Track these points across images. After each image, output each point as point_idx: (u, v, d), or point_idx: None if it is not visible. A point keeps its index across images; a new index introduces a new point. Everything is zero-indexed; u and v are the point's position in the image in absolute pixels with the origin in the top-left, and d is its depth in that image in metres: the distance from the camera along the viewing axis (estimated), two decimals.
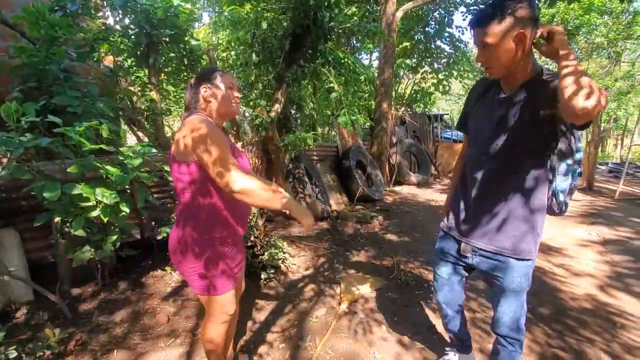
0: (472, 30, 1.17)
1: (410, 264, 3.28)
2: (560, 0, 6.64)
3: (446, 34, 9.56)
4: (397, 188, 7.21)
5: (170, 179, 2.61)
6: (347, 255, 3.48)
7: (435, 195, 6.66)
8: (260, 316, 2.38)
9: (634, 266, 3.40)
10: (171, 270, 2.85)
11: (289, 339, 2.13)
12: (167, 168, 2.38)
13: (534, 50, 1.17)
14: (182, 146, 1.23)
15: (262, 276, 2.82)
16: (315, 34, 2.93)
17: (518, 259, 1.28)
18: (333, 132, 7.60)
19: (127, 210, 2.17)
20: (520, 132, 1.19)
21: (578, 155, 1.22)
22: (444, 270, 1.57)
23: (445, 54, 9.92)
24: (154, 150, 2.40)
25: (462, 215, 1.41)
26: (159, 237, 2.59)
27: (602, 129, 15.27)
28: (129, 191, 2.38)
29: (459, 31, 9.61)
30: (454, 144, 9.86)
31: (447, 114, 15.24)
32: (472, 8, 8.61)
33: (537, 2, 6.90)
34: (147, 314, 2.35)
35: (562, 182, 1.23)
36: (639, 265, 3.42)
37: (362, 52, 10.34)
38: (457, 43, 9.70)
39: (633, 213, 5.75)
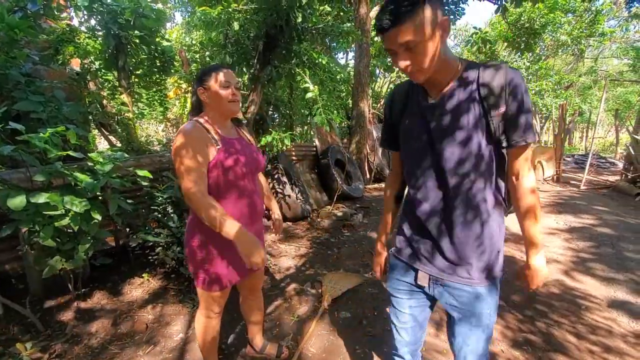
0: (385, 34, 0.93)
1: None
2: (526, 0, 6.92)
3: None
4: (376, 185, 7.31)
5: (144, 183, 2.56)
6: (328, 254, 3.51)
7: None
8: (240, 318, 2.37)
9: (596, 251, 3.61)
10: (148, 277, 2.79)
11: (271, 339, 2.13)
12: (140, 173, 2.33)
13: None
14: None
15: None
16: (289, 34, 2.94)
17: (489, 287, 1.07)
18: (311, 132, 7.62)
19: (99, 217, 2.11)
20: (465, 140, 0.99)
21: None
22: (403, 305, 1.24)
23: None
24: (126, 155, 2.34)
25: (415, 237, 1.15)
26: (134, 244, 2.53)
27: (567, 122, 16.00)
28: (100, 198, 2.32)
29: None
30: None
31: None
32: (444, 8, 8.84)
33: (504, 2, 7.16)
34: (124, 323, 2.30)
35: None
36: (601, 251, 3.63)
37: (338, 52, 10.41)
38: None
39: (595, 201, 6.09)
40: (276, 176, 4.39)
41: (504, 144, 1.00)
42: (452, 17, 8.43)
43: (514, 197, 1.07)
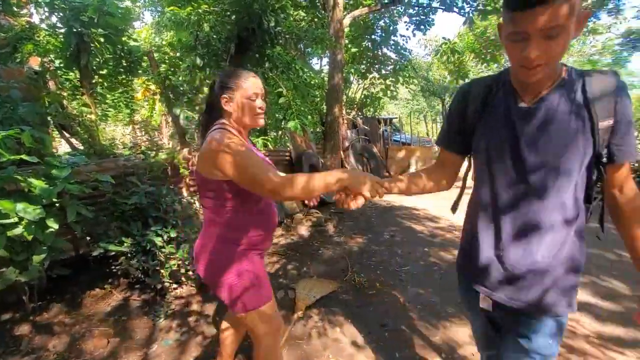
0: (525, 11, 0.76)
1: (363, 265, 3.35)
2: (491, 14, 7.24)
3: (392, 42, 10.02)
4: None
5: (106, 190, 2.43)
6: (302, 260, 3.47)
7: (387, 197, 6.89)
8: (212, 330, 2.28)
9: None
10: (111, 288, 2.64)
11: (242, 350, 2.06)
12: (102, 178, 2.20)
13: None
14: (207, 163, 1.19)
15: None
16: (262, 38, 2.90)
17: (556, 315, 0.96)
18: (285, 137, 7.58)
19: (56, 226, 1.98)
20: (563, 152, 0.88)
21: None
22: (475, 323, 1.21)
23: (392, 60, 10.38)
24: (86, 158, 2.21)
25: (485, 259, 1.03)
26: (95, 253, 2.39)
27: None
28: (57, 205, 2.17)
29: (404, 40, 10.13)
30: (404, 146, 10.29)
31: (396, 118, 15.97)
32: (414, 19, 9.10)
33: (471, 15, 7.45)
34: (84, 337, 2.16)
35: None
36: None
37: (313, 57, 10.47)
38: (402, 51, 10.21)
39: None
40: None
41: (605, 159, 0.90)
42: (422, 27, 8.71)
43: (617, 209, 0.98)
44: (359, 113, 9.95)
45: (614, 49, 14.31)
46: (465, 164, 1.20)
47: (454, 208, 1.31)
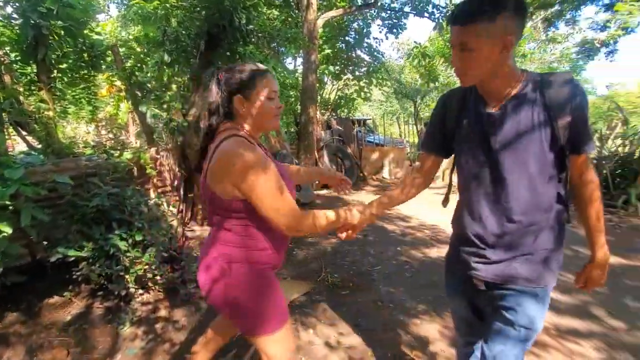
0: (451, 27, 0.96)
1: (337, 265, 3.36)
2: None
3: (365, 44, 10.15)
4: (324, 192, 7.37)
5: (64, 191, 2.29)
6: None
7: (362, 197, 6.97)
8: (180, 336, 2.21)
9: None
10: (71, 296, 2.49)
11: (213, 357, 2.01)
12: (59, 179, 2.07)
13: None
14: (225, 182, 1.04)
15: (181, 292, 2.63)
16: (233, 35, 2.84)
17: (540, 287, 1.09)
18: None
19: (9, 230, 1.85)
20: (528, 149, 1.00)
21: None
22: (459, 311, 1.36)
23: (365, 62, 10.52)
24: (43, 158, 2.07)
25: (470, 245, 1.16)
26: (53, 259, 2.25)
27: None
28: (11, 208, 2.02)
29: (377, 42, 10.28)
30: (377, 147, 10.45)
31: (370, 119, 16.19)
32: (387, 22, 9.27)
33: (441, 20, 7.67)
34: (42, 348, 2.03)
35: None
36: None
37: (287, 57, 10.43)
38: (376, 53, 10.36)
39: None
40: None
41: (568, 152, 1.01)
42: (394, 30, 8.88)
43: (578, 196, 1.09)
44: (333, 114, 10.01)
45: (571, 57, 15.22)
46: (445, 162, 1.31)
47: (444, 202, 1.42)
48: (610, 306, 2.58)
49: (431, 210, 5.47)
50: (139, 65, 3.60)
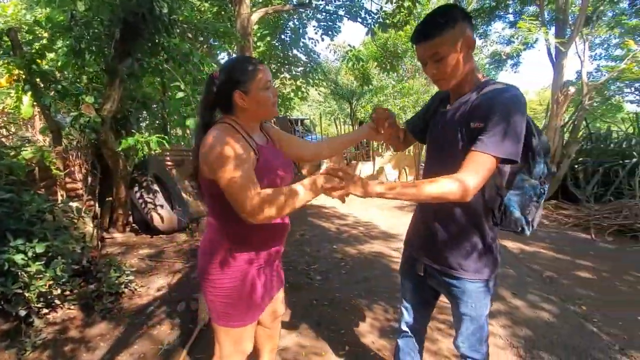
0: (418, 45, 1.08)
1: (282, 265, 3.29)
2: (390, 27, 7.90)
3: (301, 44, 10.17)
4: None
5: None
6: None
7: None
8: (93, 357, 1.97)
9: None
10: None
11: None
12: None
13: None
14: (203, 163, 1.08)
15: (97, 308, 2.36)
16: (154, 25, 2.61)
17: (470, 280, 1.17)
18: (191, 135, 7.07)
19: None
20: (453, 147, 1.10)
21: (537, 169, 1.12)
22: (411, 291, 1.45)
23: (302, 62, 10.54)
24: None
25: (415, 230, 1.33)
26: None
27: None
28: None
29: (312, 43, 10.37)
30: None
31: (308, 119, 16.33)
32: (322, 24, 9.39)
33: (373, 26, 8.00)
34: None
35: (514, 197, 1.14)
36: None
37: (221, 52, 10.01)
38: (312, 54, 10.44)
39: None
40: (145, 184, 3.87)
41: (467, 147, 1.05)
42: (330, 32, 9.05)
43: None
44: None
45: (485, 67, 17.02)
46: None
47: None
48: (514, 288, 2.92)
49: (366, 208, 5.68)
50: (41, 52, 3.13)
